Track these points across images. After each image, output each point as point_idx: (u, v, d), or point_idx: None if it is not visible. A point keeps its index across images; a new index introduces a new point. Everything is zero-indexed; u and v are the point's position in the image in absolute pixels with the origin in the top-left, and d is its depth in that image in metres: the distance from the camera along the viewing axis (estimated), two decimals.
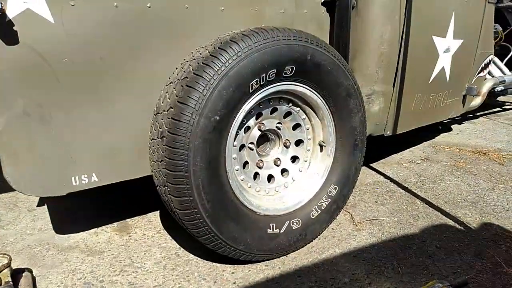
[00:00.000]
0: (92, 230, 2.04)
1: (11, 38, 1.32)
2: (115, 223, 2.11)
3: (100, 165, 1.58)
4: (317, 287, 1.56)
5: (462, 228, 1.96)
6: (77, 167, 1.54)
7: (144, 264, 1.74)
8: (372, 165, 2.82)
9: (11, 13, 1.30)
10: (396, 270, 1.64)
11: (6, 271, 1.52)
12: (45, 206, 2.35)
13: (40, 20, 1.34)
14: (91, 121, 1.52)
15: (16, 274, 1.58)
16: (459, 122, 3.95)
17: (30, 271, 1.65)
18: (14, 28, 1.31)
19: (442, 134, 3.54)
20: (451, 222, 2.01)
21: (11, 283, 1.49)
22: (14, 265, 1.60)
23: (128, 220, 2.15)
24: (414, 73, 2.27)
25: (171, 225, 2.06)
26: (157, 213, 2.22)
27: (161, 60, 1.58)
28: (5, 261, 1.54)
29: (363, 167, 2.75)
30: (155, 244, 1.90)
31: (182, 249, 1.85)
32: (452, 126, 3.80)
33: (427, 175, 2.63)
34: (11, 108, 1.37)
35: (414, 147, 3.22)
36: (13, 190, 2.50)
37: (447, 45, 2.45)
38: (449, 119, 3.00)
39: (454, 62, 2.56)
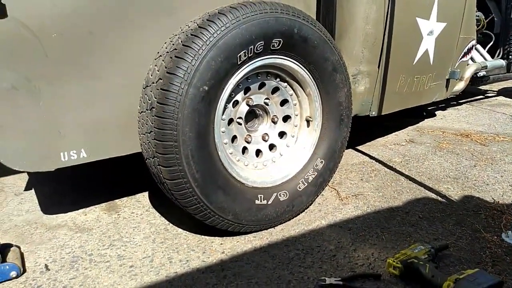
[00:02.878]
0: (80, 210, 2.05)
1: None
2: (104, 204, 2.12)
3: (89, 141, 1.58)
4: (304, 254, 1.60)
5: (444, 200, 2.02)
6: (66, 143, 1.54)
7: (133, 238, 1.76)
8: (358, 147, 2.88)
9: None
10: (380, 238, 1.69)
11: None
12: (32, 190, 2.34)
13: None
14: (80, 97, 1.52)
15: (4, 249, 1.58)
16: (443, 108, 4.04)
17: (18, 247, 1.66)
18: (2, 1, 1.30)
19: (426, 119, 3.62)
20: (433, 196, 2.07)
21: None
22: (2, 242, 1.60)
23: (117, 200, 2.16)
24: (399, 54, 2.32)
25: (160, 203, 2.07)
26: (146, 193, 2.23)
27: (151, 35, 1.58)
28: None
29: (349, 149, 2.81)
30: (144, 221, 1.91)
31: (171, 224, 1.87)
32: (436, 112, 3.88)
33: (411, 155, 2.69)
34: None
35: (399, 131, 3.28)
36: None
37: (430, 28, 2.50)
38: (433, 103, 3.07)
39: (438, 45, 2.62)
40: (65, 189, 2.33)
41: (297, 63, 1.70)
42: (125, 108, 1.61)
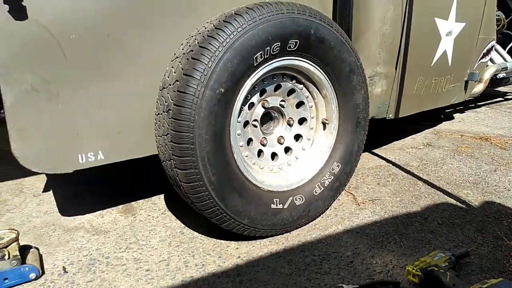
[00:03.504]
0: (97, 212, 2.06)
1: (20, 13, 1.32)
2: (120, 206, 2.13)
3: (107, 143, 1.58)
4: (320, 260, 1.57)
5: (464, 206, 1.97)
6: (84, 145, 1.54)
7: (150, 241, 1.76)
8: (375, 150, 2.84)
9: None
10: (398, 244, 1.66)
11: (14, 245, 1.54)
12: (51, 192, 2.37)
13: None
14: (98, 99, 1.52)
15: (24, 250, 1.60)
16: (461, 111, 3.96)
17: (37, 248, 1.67)
18: (23, 3, 1.32)
19: (444, 122, 3.55)
20: (453, 201, 2.03)
21: (19, 256, 1.51)
22: (21, 244, 1.61)
23: (133, 202, 2.16)
24: (416, 55, 2.28)
25: (176, 206, 2.07)
26: (162, 196, 2.23)
27: (168, 37, 1.58)
28: (13, 235, 1.56)
29: (366, 153, 2.77)
30: (160, 224, 1.91)
31: (186, 228, 1.86)
32: (454, 115, 3.81)
33: (429, 159, 2.64)
34: (20, 83, 1.37)
35: (416, 134, 3.23)
36: (19, 177, 2.56)
37: (449, 28, 2.45)
38: (451, 105, 3.01)
39: (456, 46, 2.57)
40: (83, 191, 2.35)
41: (313, 64, 1.68)
42: (142, 110, 1.60)
